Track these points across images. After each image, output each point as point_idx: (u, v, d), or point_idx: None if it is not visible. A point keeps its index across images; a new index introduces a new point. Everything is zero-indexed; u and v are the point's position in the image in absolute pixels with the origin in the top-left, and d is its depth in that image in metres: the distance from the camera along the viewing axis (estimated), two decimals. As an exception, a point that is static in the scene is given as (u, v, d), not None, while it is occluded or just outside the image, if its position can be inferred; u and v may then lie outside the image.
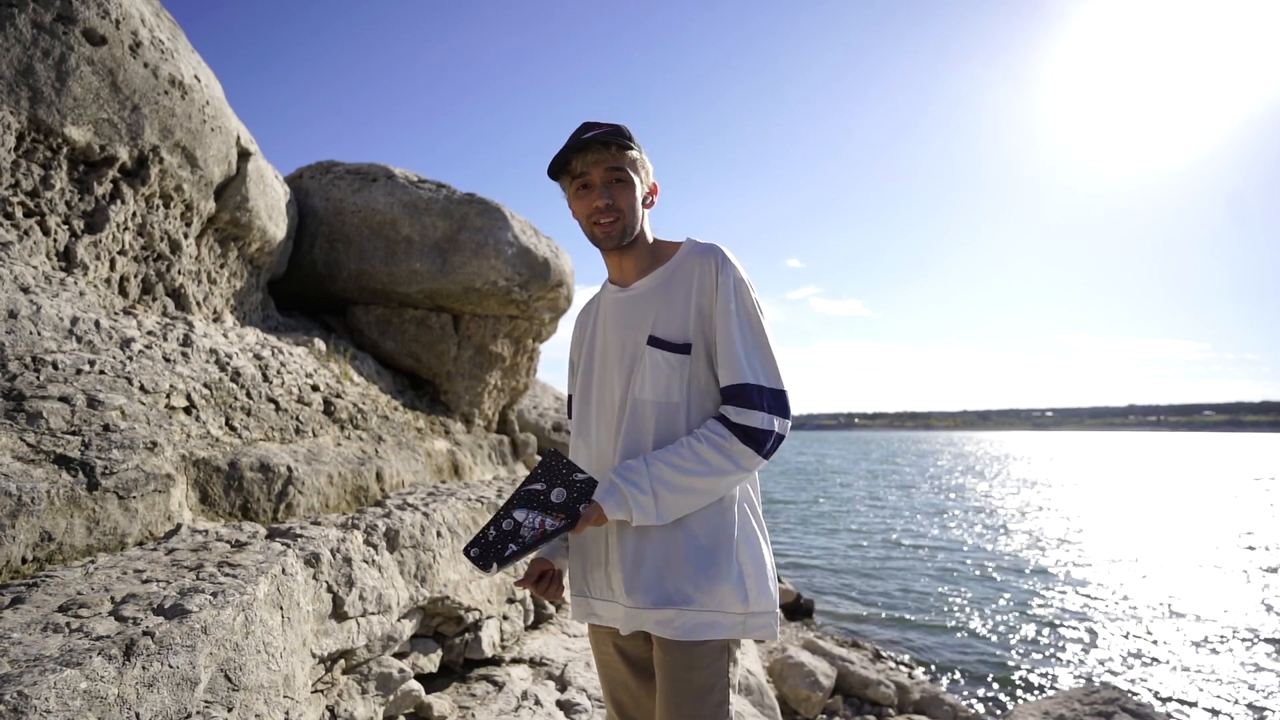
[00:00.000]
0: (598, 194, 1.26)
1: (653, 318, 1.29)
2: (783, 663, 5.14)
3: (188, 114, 3.23)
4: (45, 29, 2.56)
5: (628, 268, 1.36)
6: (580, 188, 1.28)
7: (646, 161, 1.33)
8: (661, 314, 1.29)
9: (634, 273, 1.36)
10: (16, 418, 1.83)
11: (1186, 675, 6.16)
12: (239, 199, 3.82)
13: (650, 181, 1.35)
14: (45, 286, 2.48)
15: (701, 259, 1.29)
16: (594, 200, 1.27)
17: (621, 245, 1.31)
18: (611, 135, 1.25)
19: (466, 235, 5.12)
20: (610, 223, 1.27)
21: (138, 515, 1.92)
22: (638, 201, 1.30)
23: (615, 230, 1.28)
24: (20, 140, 2.58)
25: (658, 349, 1.27)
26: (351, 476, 3.03)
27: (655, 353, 1.27)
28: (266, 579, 1.72)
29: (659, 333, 1.28)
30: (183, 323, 3.11)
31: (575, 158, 1.26)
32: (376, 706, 2.20)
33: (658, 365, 1.26)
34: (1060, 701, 4.11)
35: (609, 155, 1.26)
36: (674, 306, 1.28)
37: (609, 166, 1.26)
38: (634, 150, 1.29)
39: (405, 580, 2.47)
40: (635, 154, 1.29)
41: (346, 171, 5.29)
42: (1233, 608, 8.35)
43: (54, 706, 1.08)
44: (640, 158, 1.31)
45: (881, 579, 10.05)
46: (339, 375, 4.13)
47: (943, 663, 6.53)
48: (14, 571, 1.58)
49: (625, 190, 1.28)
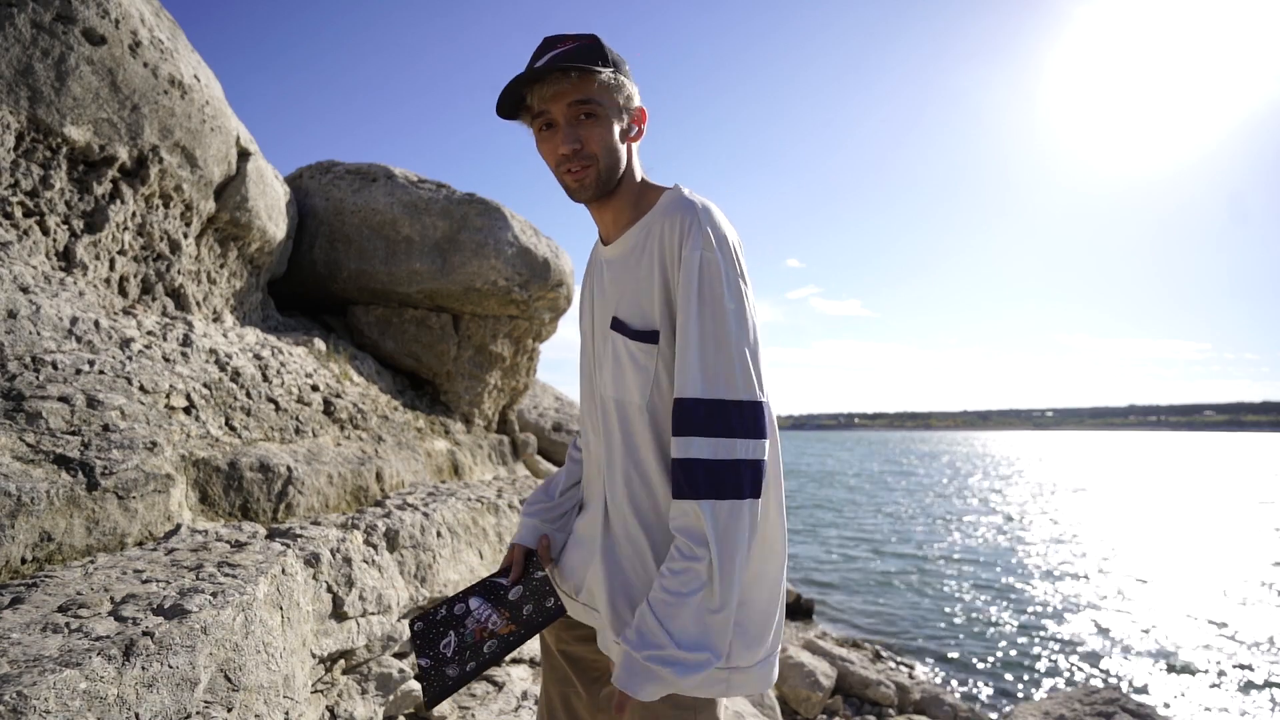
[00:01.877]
0: (569, 135, 0.99)
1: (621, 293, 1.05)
2: (783, 663, 5.15)
3: (187, 114, 3.23)
4: (45, 29, 2.56)
5: (609, 222, 1.10)
6: (544, 127, 1.02)
7: (626, 83, 1.02)
8: (628, 289, 1.03)
9: (617, 229, 1.09)
10: (16, 418, 1.83)
11: (1186, 675, 6.16)
12: (239, 199, 3.82)
13: (634, 108, 1.06)
14: (45, 286, 2.47)
15: (669, 221, 1.00)
16: (563, 145, 0.99)
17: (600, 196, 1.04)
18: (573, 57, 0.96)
19: (466, 235, 5.12)
20: (581, 170, 1.01)
21: (137, 515, 1.92)
22: (614, 139, 1.02)
23: (589, 179, 1.01)
24: (20, 140, 2.58)
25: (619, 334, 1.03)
26: (351, 476, 3.03)
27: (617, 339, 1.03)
28: (266, 579, 1.71)
29: (622, 314, 1.03)
30: (182, 323, 3.11)
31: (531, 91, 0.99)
32: (376, 707, 2.20)
33: (619, 355, 1.02)
34: (1060, 701, 4.11)
35: (570, 85, 0.97)
36: (640, 281, 1.02)
37: (573, 100, 0.98)
38: (605, 73, 0.99)
39: (405, 580, 2.47)
40: (607, 77, 0.99)
41: (346, 171, 5.29)
42: (1233, 608, 8.35)
43: (53, 707, 1.08)
44: (615, 80, 1.01)
45: (882, 579, 10.05)
46: (339, 375, 4.13)
47: (943, 663, 6.53)
48: (13, 571, 1.58)
49: (597, 128, 1.00)
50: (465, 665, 1.07)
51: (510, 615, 1.13)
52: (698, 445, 0.91)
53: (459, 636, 1.12)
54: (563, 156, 1.01)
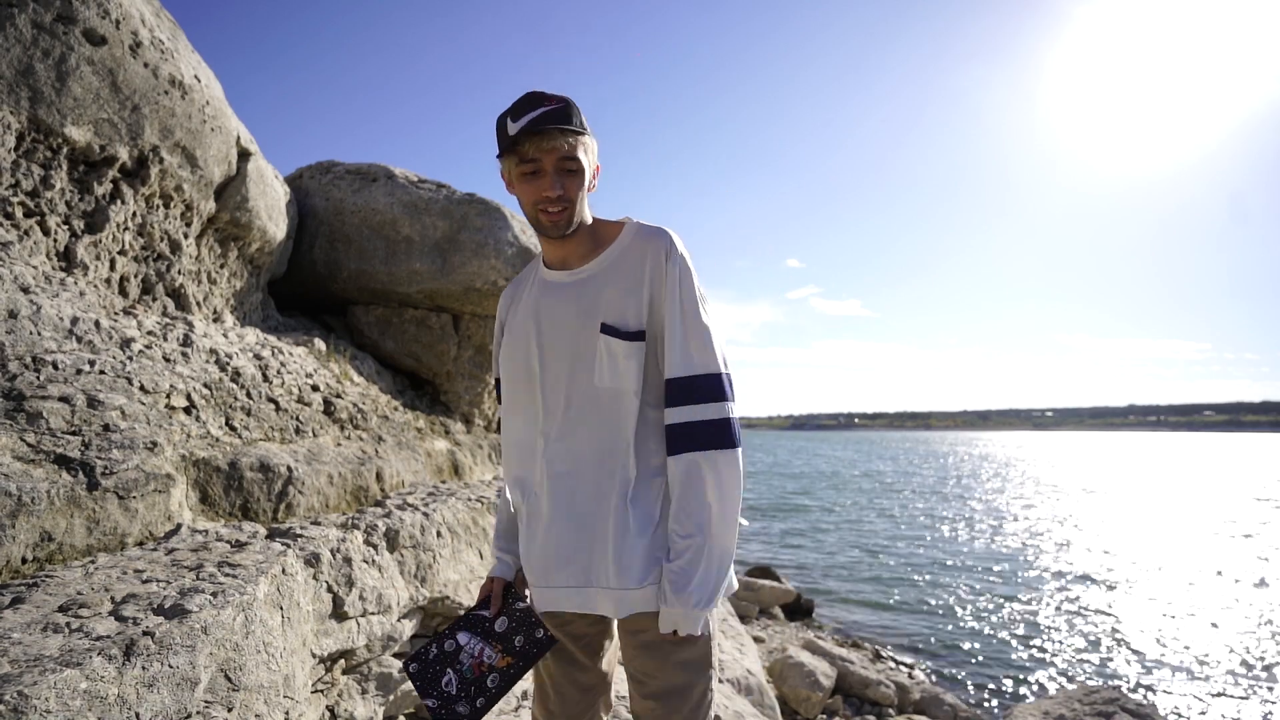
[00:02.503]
0: (549, 183, 1.20)
1: (603, 304, 1.25)
2: (783, 663, 5.14)
3: (188, 114, 3.23)
4: (45, 29, 2.56)
5: (569, 252, 1.31)
6: (530, 173, 1.21)
7: (592, 143, 1.27)
8: (612, 301, 1.25)
9: (577, 258, 1.31)
10: (16, 418, 1.83)
11: (1186, 675, 6.16)
12: (239, 199, 3.82)
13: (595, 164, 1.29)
14: (45, 286, 2.48)
15: (651, 243, 1.26)
16: (544, 189, 1.20)
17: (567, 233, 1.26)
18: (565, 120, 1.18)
19: (466, 235, 5.12)
20: (558, 212, 1.22)
21: (138, 515, 1.92)
22: (584, 190, 1.26)
23: (563, 220, 1.23)
24: (20, 140, 2.58)
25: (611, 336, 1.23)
26: (351, 476, 3.03)
27: (610, 340, 1.23)
28: (266, 579, 1.72)
29: (610, 319, 1.24)
30: (183, 323, 3.11)
31: (528, 141, 1.18)
32: (376, 706, 2.20)
33: (614, 353, 1.23)
34: (1060, 701, 4.11)
35: (564, 144, 1.19)
36: (624, 293, 1.25)
37: (563, 155, 1.20)
38: (586, 136, 1.23)
39: (405, 580, 2.47)
40: (587, 140, 1.24)
41: (346, 171, 5.29)
42: (1233, 608, 8.35)
43: (54, 706, 1.08)
44: (589, 141, 1.25)
45: (882, 579, 10.05)
46: (339, 375, 4.13)
47: (943, 662, 6.54)
48: (14, 571, 1.58)
49: (575, 180, 1.22)
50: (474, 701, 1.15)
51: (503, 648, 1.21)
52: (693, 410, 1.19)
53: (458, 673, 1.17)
54: (546, 199, 1.21)
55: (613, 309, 1.25)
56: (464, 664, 1.18)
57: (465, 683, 1.16)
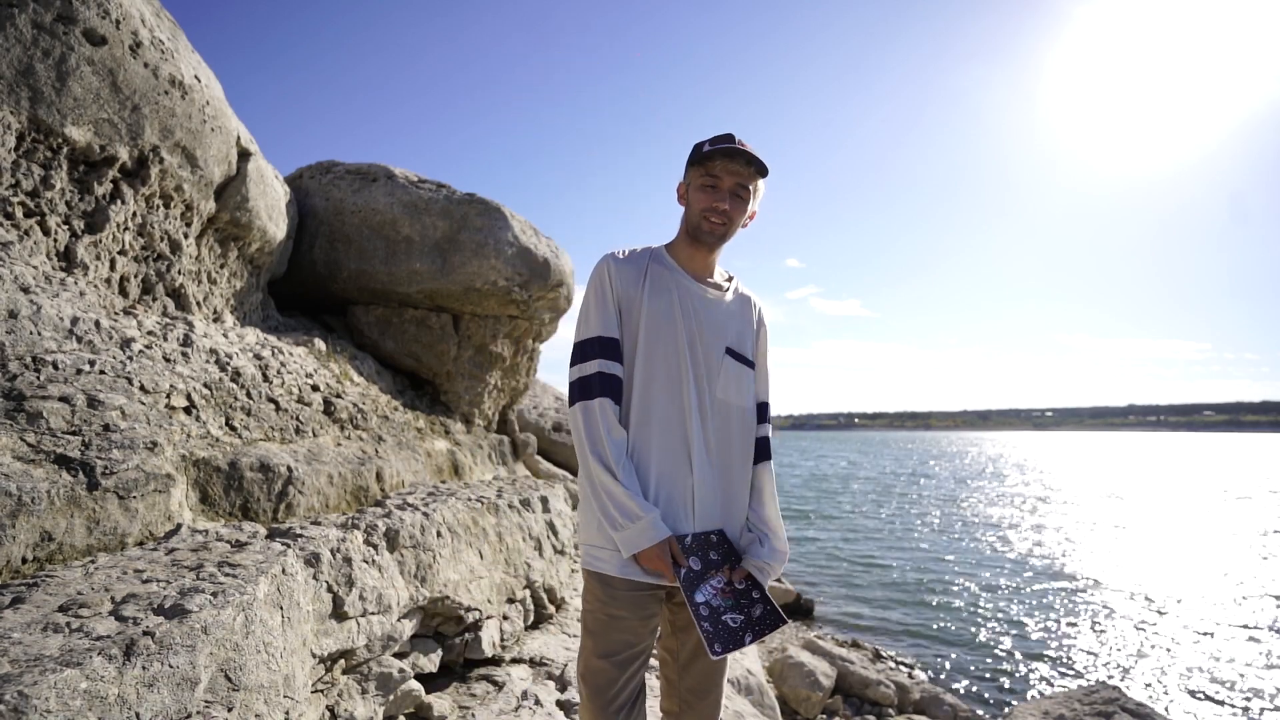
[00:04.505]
0: (725, 198, 1.45)
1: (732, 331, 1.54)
2: (783, 663, 5.15)
3: (188, 114, 3.23)
4: (45, 29, 2.56)
5: (701, 261, 1.55)
6: (708, 185, 1.45)
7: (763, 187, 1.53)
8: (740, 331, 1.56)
9: (705, 269, 1.56)
10: (17, 418, 1.83)
11: (1186, 675, 6.16)
12: (239, 199, 3.82)
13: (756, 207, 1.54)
14: (45, 286, 2.48)
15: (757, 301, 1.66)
16: (718, 202, 1.44)
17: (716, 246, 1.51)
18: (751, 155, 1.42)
19: (466, 235, 5.12)
20: (719, 224, 1.46)
21: (138, 515, 1.92)
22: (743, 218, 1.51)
23: (719, 232, 1.47)
24: (20, 140, 2.58)
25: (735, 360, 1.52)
26: (351, 476, 3.03)
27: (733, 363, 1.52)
28: (266, 579, 1.72)
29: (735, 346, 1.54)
30: (183, 323, 3.11)
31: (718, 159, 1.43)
32: (376, 706, 2.20)
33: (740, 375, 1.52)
34: (1060, 701, 4.11)
35: (747, 174, 1.44)
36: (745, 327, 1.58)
37: (739, 181, 1.44)
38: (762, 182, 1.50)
39: (405, 580, 2.47)
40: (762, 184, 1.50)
41: (346, 171, 5.29)
42: (1234, 608, 8.35)
43: (54, 706, 1.08)
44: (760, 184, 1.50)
45: (882, 579, 10.05)
46: (339, 375, 4.13)
47: (943, 663, 6.53)
48: (14, 571, 1.58)
49: (741, 206, 1.47)
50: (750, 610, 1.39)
51: (725, 565, 1.43)
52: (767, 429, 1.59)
53: (740, 627, 1.36)
54: (714, 208, 1.45)
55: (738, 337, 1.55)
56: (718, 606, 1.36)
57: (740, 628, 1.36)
